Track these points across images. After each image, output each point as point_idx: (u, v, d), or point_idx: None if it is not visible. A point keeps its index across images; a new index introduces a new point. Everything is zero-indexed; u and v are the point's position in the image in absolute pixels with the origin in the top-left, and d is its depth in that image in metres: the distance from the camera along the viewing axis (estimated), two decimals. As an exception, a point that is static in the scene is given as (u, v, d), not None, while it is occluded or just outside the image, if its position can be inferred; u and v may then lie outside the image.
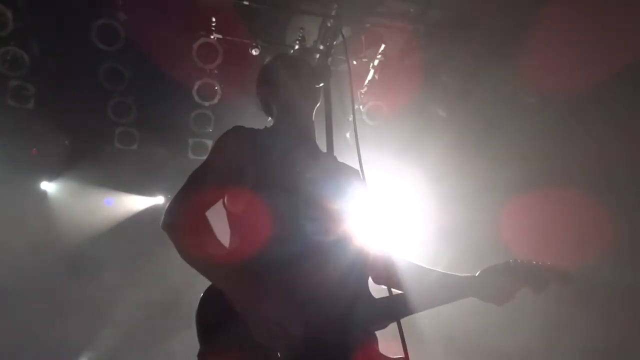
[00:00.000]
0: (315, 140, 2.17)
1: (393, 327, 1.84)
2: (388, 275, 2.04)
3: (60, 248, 6.14)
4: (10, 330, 5.67)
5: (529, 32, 4.90)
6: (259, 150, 1.95)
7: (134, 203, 6.74)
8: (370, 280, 2.05)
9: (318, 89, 2.11)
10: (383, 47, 5.51)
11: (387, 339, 1.91)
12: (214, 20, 5.29)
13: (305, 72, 2.16)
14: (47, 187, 6.47)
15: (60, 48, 5.36)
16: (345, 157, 2.20)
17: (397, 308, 1.86)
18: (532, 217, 5.03)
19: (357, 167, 1.98)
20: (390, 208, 5.81)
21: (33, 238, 5.91)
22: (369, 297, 1.92)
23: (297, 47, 5.10)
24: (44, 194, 6.46)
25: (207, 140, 5.97)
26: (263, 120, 2.27)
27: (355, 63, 5.53)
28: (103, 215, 6.58)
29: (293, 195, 1.88)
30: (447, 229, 5.91)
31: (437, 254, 5.57)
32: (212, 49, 5.29)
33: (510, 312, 1.96)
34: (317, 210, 1.89)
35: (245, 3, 5.04)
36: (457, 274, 2.04)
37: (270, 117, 2.25)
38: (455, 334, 5.36)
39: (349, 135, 5.63)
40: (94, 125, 6.00)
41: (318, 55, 5.25)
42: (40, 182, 6.42)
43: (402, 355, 1.71)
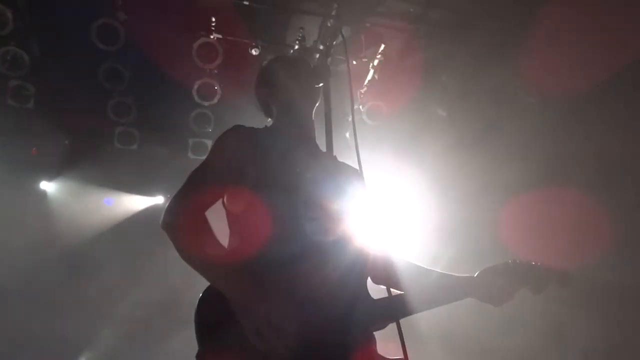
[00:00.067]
0: (315, 140, 2.17)
1: (392, 327, 1.85)
2: (387, 276, 2.04)
3: (60, 248, 6.14)
4: (10, 330, 5.67)
5: (529, 32, 4.90)
6: (259, 150, 1.94)
7: (134, 203, 6.74)
8: (370, 281, 2.05)
9: (318, 89, 2.11)
10: (383, 47, 5.50)
11: (385, 340, 1.91)
12: (214, 20, 5.29)
13: (305, 72, 2.16)
14: (46, 186, 6.47)
15: (60, 48, 5.36)
16: (345, 157, 2.19)
17: (396, 309, 1.86)
18: (531, 216, 5.04)
19: (356, 166, 1.98)
20: (390, 208, 5.81)
21: (33, 238, 5.91)
22: (368, 297, 1.92)
23: (297, 47, 5.10)
24: (44, 194, 6.46)
25: (207, 140, 5.97)
26: (263, 120, 2.26)
27: (355, 63, 5.52)
28: (103, 215, 6.58)
29: (293, 195, 1.88)
30: (446, 229, 5.92)
31: (436, 254, 5.57)
32: (212, 49, 5.29)
33: (510, 312, 1.96)
34: (316, 210, 1.89)
35: (245, 3, 5.04)
36: (456, 275, 2.04)
37: (270, 117, 2.24)
38: (454, 334, 5.36)
39: (349, 135, 5.63)
40: (94, 125, 6.00)
41: (318, 55, 5.25)
42: (40, 181, 6.43)
43: (400, 356, 1.71)
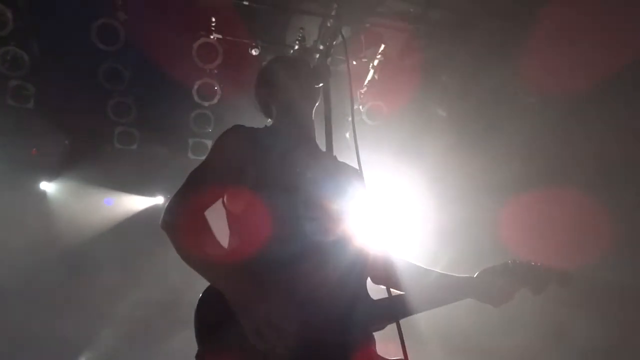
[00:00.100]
0: (316, 140, 2.16)
1: (391, 327, 1.85)
2: (387, 275, 2.03)
3: (60, 248, 6.14)
4: (10, 330, 5.67)
5: (529, 32, 4.90)
6: (259, 150, 1.94)
7: (134, 203, 6.73)
8: (369, 280, 2.05)
9: (317, 89, 2.11)
10: (383, 47, 5.50)
11: (385, 340, 1.92)
12: (214, 20, 5.29)
13: (305, 72, 2.16)
14: (46, 187, 6.46)
15: (60, 48, 5.36)
16: (345, 157, 2.19)
17: (395, 309, 1.86)
18: (531, 216, 5.04)
19: (356, 166, 1.97)
20: (390, 208, 5.81)
21: (33, 238, 5.91)
22: (368, 297, 1.92)
23: (296, 47, 5.10)
24: (44, 194, 6.46)
25: (207, 140, 5.97)
26: (263, 120, 2.26)
27: (355, 63, 5.52)
28: (103, 215, 6.57)
29: (293, 195, 1.87)
30: (446, 229, 5.92)
31: (436, 254, 5.57)
32: (212, 49, 5.29)
33: (509, 312, 1.96)
34: (316, 210, 1.89)
35: (245, 3, 5.04)
36: (455, 275, 2.04)
37: (270, 118, 2.24)
38: (454, 334, 5.36)
39: (349, 136, 5.63)
40: (94, 125, 6.00)
41: (318, 55, 5.25)
42: (40, 182, 6.42)
43: (399, 357, 1.71)
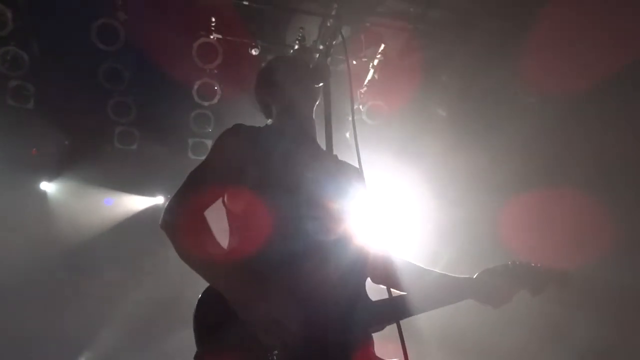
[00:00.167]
0: (316, 140, 2.16)
1: (390, 327, 1.85)
2: (387, 275, 2.03)
3: (60, 248, 6.14)
4: (10, 330, 5.67)
5: (529, 32, 4.90)
6: (259, 150, 1.93)
7: (134, 203, 6.73)
8: (369, 280, 2.04)
9: (317, 89, 2.11)
10: (383, 46, 5.50)
11: (384, 341, 1.91)
12: (214, 20, 5.29)
13: (305, 71, 2.16)
14: (46, 187, 6.46)
15: (60, 48, 5.37)
16: (345, 156, 2.19)
17: (395, 310, 1.86)
18: (531, 216, 5.04)
19: (357, 166, 1.97)
20: (390, 207, 5.81)
21: (33, 238, 5.92)
22: (367, 298, 1.92)
23: (296, 47, 5.09)
24: (44, 194, 6.46)
25: (206, 140, 5.97)
26: (263, 120, 2.26)
27: (355, 63, 5.52)
28: (103, 215, 6.57)
29: (293, 195, 1.87)
30: (446, 229, 5.92)
31: (436, 254, 5.58)
32: (211, 49, 5.29)
33: (508, 311, 1.96)
34: (317, 210, 1.88)
35: (245, 3, 5.04)
36: (455, 275, 2.04)
37: (270, 118, 2.23)
38: (453, 334, 5.36)
39: (349, 135, 5.63)
40: (94, 125, 6.00)
41: (318, 55, 5.24)
42: (40, 182, 6.42)
43: (398, 358, 1.71)
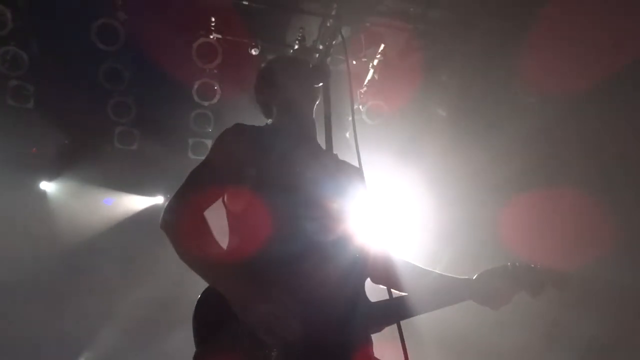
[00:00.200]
0: (317, 139, 2.15)
1: (389, 328, 1.84)
2: (387, 275, 2.03)
3: (60, 247, 6.14)
4: (10, 330, 5.67)
5: (529, 32, 4.90)
6: (260, 149, 1.93)
7: (134, 203, 6.73)
8: (368, 280, 2.04)
9: (317, 89, 2.10)
10: (383, 46, 5.50)
11: (381, 340, 1.91)
12: (214, 20, 5.29)
13: (305, 71, 2.15)
14: (46, 186, 6.46)
15: (60, 48, 5.36)
16: (345, 156, 2.20)
17: (394, 312, 1.86)
18: (531, 216, 5.04)
19: (357, 165, 1.97)
20: (390, 207, 5.80)
21: (33, 237, 5.91)
22: (366, 299, 1.92)
23: (296, 46, 5.10)
24: (44, 194, 6.46)
25: (206, 140, 5.96)
26: (263, 120, 2.26)
27: (355, 63, 5.52)
28: (103, 215, 6.57)
29: (293, 195, 1.87)
30: (446, 228, 5.92)
31: (436, 253, 5.58)
32: (211, 49, 5.28)
33: (508, 311, 1.96)
34: (317, 210, 1.88)
35: (245, 3, 5.04)
36: (454, 276, 2.03)
37: (270, 118, 2.23)
38: (451, 333, 5.35)
39: (349, 135, 5.63)
40: (94, 125, 6.00)
41: (318, 55, 5.25)
42: (40, 181, 6.42)
43: None
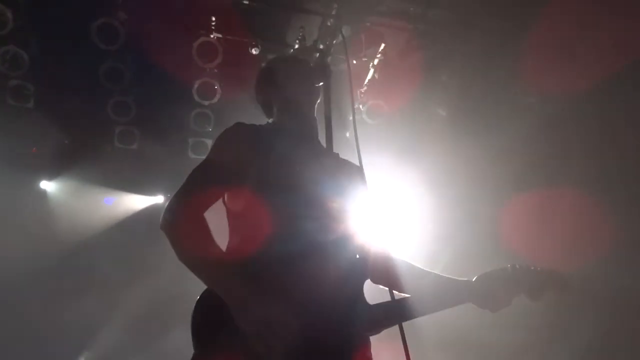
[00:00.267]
0: (318, 138, 2.15)
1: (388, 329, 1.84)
2: (387, 275, 2.03)
3: (60, 247, 6.14)
4: (10, 329, 5.67)
5: (529, 32, 4.90)
6: (260, 149, 1.93)
7: (134, 202, 6.74)
8: (368, 282, 2.03)
9: (318, 88, 2.10)
10: (383, 46, 5.50)
11: (380, 341, 1.91)
12: (214, 20, 5.29)
13: (305, 70, 2.16)
14: (46, 186, 6.46)
15: (60, 47, 5.36)
16: (346, 156, 2.20)
17: (392, 314, 1.85)
18: (531, 216, 5.04)
19: (358, 164, 1.97)
20: (390, 207, 5.81)
21: (33, 237, 5.91)
22: (365, 301, 1.90)
23: (297, 46, 5.10)
24: (44, 193, 6.46)
25: (207, 140, 5.97)
26: (263, 120, 2.26)
27: (355, 62, 5.52)
28: (103, 215, 6.58)
29: (294, 195, 1.86)
30: (446, 228, 5.92)
31: (436, 253, 5.57)
32: (212, 48, 5.29)
33: (508, 311, 1.96)
34: (317, 210, 1.88)
35: (245, 2, 5.04)
36: (453, 278, 2.02)
37: (270, 117, 2.23)
38: (452, 333, 5.34)
39: (349, 135, 5.63)
40: (94, 125, 6.00)
41: (318, 55, 5.24)
42: (40, 181, 6.42)
43: None
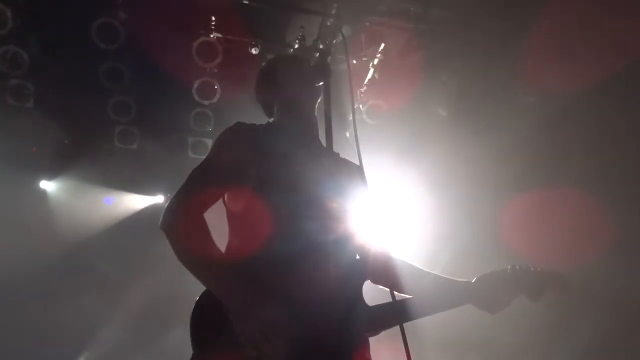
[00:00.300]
0: (318, 138, 2.14)
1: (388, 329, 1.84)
2: (387, 275, 2.03)
3: (60, 247, 6.13)
4: (9, 330, 5.66)
5: (529, 32, 4.90)
6: (260, 149, 1.92)
7: (134, 202, 6.73)
8: (368, 283, 2.03)
9: (319, 87, 2.10)
10: (383, 46, 5.50)
11: (380, 342, 1.91)
12: (214, 19, 5.29)
13: (306, 70, 2.16)
14: (46, 185, 6.46)
15: (60, 47, 5.36)
16: (346, 156, 2.20)
17: (392, 315, 1.85)
18: (531, 216, 5.04)
19: (358, 164, 1.97)
20: (390, 207, 5.80)
21: (32, 237, 5.91)
22: (364, 303, 1.91)
23: (297, 46, 5.10)
24: (44, 193, 6.45)
25: (207, 139, 5.97)
26: (263, 119, 2.26)
27: (355, 62, 5.52)
28: (103, 214, 6.57)
29: (294, 195, 1.86)
30: (446, 228, 5.92)
31: (436, 253, 5.57)
32: (212, 48, 5.29)
33: (508, 311, 1.96)
34: (318, 210, 1.88)
35: (245, 2, 5.04)
36: (453, 279, 2.02)
37: (271, 117, 2.23)
38: (452, 333, 5.34)
39: (349, 135, 5.63)
40: (94, 124, 5.99)
41: (318, 54, 5.23)
42: (40, 180, 6.42)
43: None
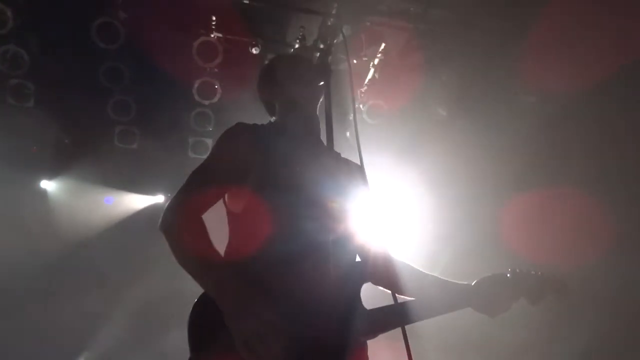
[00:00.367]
0: (320, 137, 2.14)
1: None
2: (387, 276, 2.02)
3: (60, 246, 6.13)
4: (9, 330, 5.66)
5: (529, 32, 4.91)
6: (261, 149, 1.93)
7: (134, 202, 6.73)
8: (368, 284, 2.03)
9: (320, 87, 2.10)
10: (383, 45, 5.50)
11: (380, 342, 1.91)
12: (214, 19, 5.29)
13: (307, 69, 2.17)
14: (46, 185, 6.45)
15: (60, 47, 5.36)
16: (346, 155, 2.20)
17: (391, 319, 1.85)
18: (531, 216, 5.05)
19: (359, 163, 1.97)
20: (390, 207, 5.81)
21: (33, 236, 5.91)
22: (362, 306, 1.89)
23: (297, 45, 5.10)
24: (44, 193, 6.45)
25: (207, 139, 5.97)
26: (264, 119, 2.26)
27: (356, 62, 5.52)
28: (103, 214, 6.57)
29: (294, 195, 1.86)
30: (446, 228, 5.92)
31: (436, 253, 5.58)
32: (212, 48, 5.29)
33: (508, 311, 1.96)
34: (318, 210, 1.88)
35: (246, 2, 5.04)
36: (452, 281, 2.02)
37: (273, 116, 2.23)
38: (452, 333, 5.34)
39: (349, 134, 5.63)
40: (94, 124, 5.99)
41: (318, 54, 5.24)
42: (40, 180, 6.41)
43: None
